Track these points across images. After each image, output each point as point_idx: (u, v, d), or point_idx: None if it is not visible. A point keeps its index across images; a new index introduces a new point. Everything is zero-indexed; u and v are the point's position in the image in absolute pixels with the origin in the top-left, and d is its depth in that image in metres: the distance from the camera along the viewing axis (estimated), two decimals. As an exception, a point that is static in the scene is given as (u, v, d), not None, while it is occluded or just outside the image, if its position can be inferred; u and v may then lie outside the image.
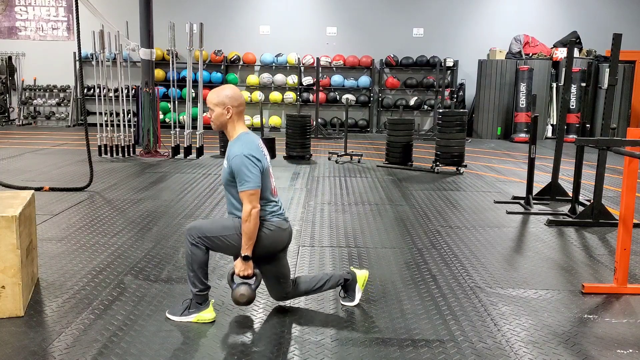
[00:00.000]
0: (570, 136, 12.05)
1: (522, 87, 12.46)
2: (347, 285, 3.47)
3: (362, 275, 3.49)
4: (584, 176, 6.45)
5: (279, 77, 13.71)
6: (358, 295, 3.47)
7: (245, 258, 3.05)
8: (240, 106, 3.14)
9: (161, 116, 12.39)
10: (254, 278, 3.16)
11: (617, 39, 5.46)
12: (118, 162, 8.73)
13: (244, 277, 3.10)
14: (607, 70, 5.92)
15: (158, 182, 7.24)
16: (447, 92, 12.91)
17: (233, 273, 3.14)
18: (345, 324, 3.21)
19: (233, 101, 3.10)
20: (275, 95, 13.74)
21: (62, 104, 14.11)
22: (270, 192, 3.15)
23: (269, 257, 3.21)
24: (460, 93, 13.72)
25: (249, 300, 3.12)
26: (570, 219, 5.54)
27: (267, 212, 3.13)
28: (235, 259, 3.23)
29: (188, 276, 3.16)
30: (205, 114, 13.25)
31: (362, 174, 8.07)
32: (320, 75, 13.28)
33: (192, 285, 3.15)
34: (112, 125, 9.20)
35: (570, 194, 6.07)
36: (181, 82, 12.88)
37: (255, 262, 3.20)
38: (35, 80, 14.18)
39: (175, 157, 9.25)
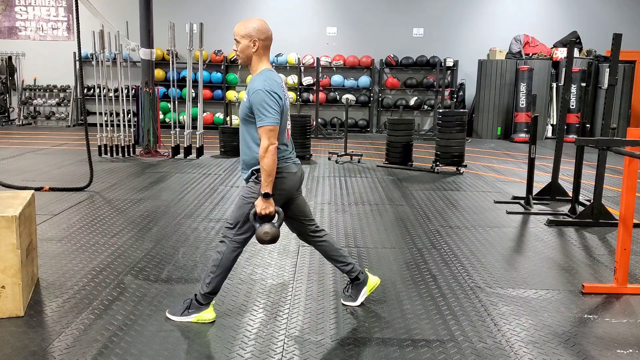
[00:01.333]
0: (570, 136, 12.05)
1: (522, 87, 12.46)
2: (356, 285, 3.45)
3: (374, 281, 3.48)
4: (584, 176, 6.45)
5: (279, 77, 13.69)
6: (361, 298, 3.45)
7: (266, 195, 2.96)
8: (267, 40, 3.07)
9: (161, 116, 12.40)
10: (277, 215, 3.10)
11: (617, 39, 5.46)
12: (118, 162, 8.73)
13: (266, 216, 3.03)
14: (607, 70, 5.92)
15: (158, 182, 7.24)
16: (447, 92, 12.91)
17: (255, 212, 3.04)
18: (345, 324, 3.21)
19: (260, 34, 3.04)
20: (275, 95, 13.71)
21: (62, 104, 14.11)
22: (283, 134, 3.09)
23: (284, 200, 3.17)
24: (460, 93, 13.72)
25: (273, 239, 3.05)
26: (570, 219, 5.54)
27: (277, 156, 3.02)
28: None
29: (207, 275, 3.14)
30: (205, 114, 13.27)
31: (362, 174, 8.07)
32: (320, 75, 13.29)
33: (206, 285, 3.14)
34: (112, 125, 9.21)
35: (570, 194, 6.07)
36: (181, 82, 12.88)
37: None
38: (35, 80, 14.18)
39: (175, 157, 9.25)
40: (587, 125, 6.72)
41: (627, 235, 3.69)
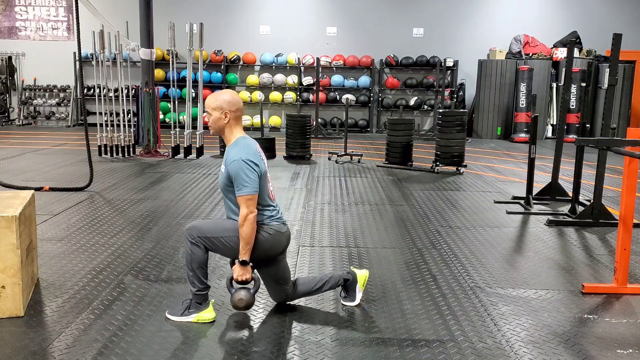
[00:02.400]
0: (570, 136, 12.05)
1: (522, 87, 12.47)
2: (348, 286, 3.47)
3: (362, 275, 3.49)
4: (584, 176, 6.45)
5: (279, 77, 13.71)
6: (359, 295, 3.47)
7: (243, 263, 3.07)
8: (237, 111, 3.15)
9: (161, 116, 12.39)
10: (253, 282, 3.17)
11: (617, 39, 5.45)
12: (118, 162, 8.73)
13: (242, 282, 3.11)
14: (607, 70, 5.92)
15: (158, 182, 7.24)
16: (447, 92, 12.91)
17: (232, 278, 3.14)
18: (345, 324, 3.21)
19: (231, 106, 3.12)
20: (275, 95, 13.74)
21: (62, 104, 14.11)
22: (268, 197, 3.16)
23: (268, 260, 3.21)
24: (460, 93, 13.72)
25: (248, 305, 3.14)
26: (570, 219, 5.54)
27: (265, 216, 3.14)
28: (232, 262, 3.24)
29: (187, 275, 3.17)
30: (205, 113, 13.24)
31: (362, 174, 8.07)
32: (320, 75, 13.28)
33: (192, 284, 3.16)
34: (112, 125, 9.20)
35: (570, 194, 6.07)
36: (181, 82, 12.88)
37: (255, 265, 3.21)
38: (35, 80, 14.18)
39: (175, 157, 9.25)
40: (587, 125, 6.73)
41: (627, 235, 3.69)
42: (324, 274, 3.55)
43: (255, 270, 3.23)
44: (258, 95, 13.45)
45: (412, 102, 13.71)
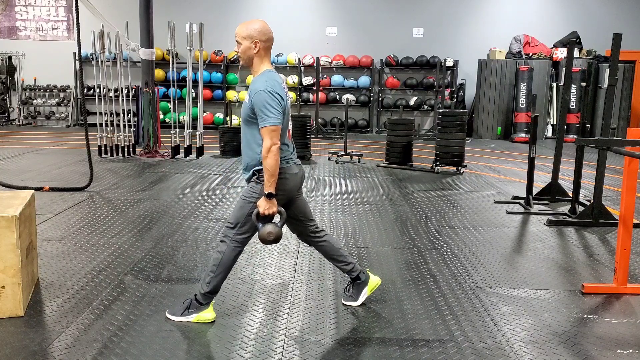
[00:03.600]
0: (570, 136, 12.05)
1: (522, 87, 12.47)
2: (357, 284, 3.45)
3: (374, 281, 3.48)
4: (584, 176, 6.45)
5: (279, 77, 13.69)
6: (362, 298, 3.45)
7: (269, 195, 2.98)
8: (268, 41, 3.08)
9: (161, 116, 12.40)
10: (279, 216, 3.11)
11: (617, 39, 5.45)
12: (118, 162, 8.73)
13: (268, 216, 3.04)
14: (607, 70, 5.92)
15: (158, 182, 7.24)
16: (447, 92, 12.91)
17: (258, 213, 3.05)
18: (346, 324, 3.21)
19: (261, 35, 3.05)
20: (275, 95, 13.71)
21: (62, 104, 14.11)
22: (284, 134, 3.10)
23: (286, 201, 3.18)
24: (460, 93, 13.72)
25: (277, 239, 3.07)
26: (570, 219, 5.54)
27: (280, 156, 3.03)
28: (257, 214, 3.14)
29: (208, 274, 3.15)
30: (205, 114, 13.27)
31: (362, 174, 8.07)
32: (320, 75, 13.28)
33: (206, 285, 3.14)
34: (112, 125, 9.20)
35: (570, 194, 6.07)
36: (181, 82, 12.88)
37: None
38: (35, 80, 14.18)
39: (175, 157, 9.25)
40: (587, 125, 6.72)
41: (627, 235, 3.69)
42: (350, 256, 3.50)
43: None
44: (258, 95, 13.42)
45: (412, 102, 13.71)
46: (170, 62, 9.31)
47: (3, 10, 14.00)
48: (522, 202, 6.25)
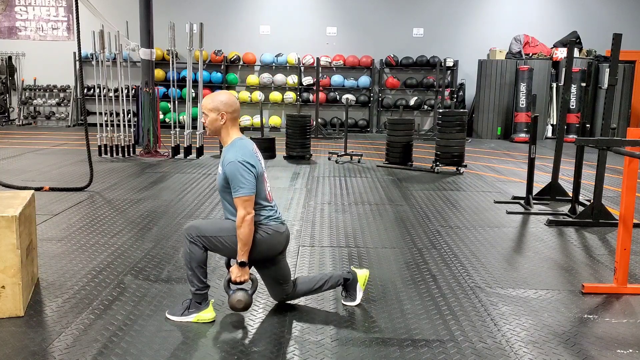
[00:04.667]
0: (570, 136, 12.05)
1: (522, 87, 12.46)
2: (348, 285, 3.47)
3: (362, 274, 3.49)
4: (584, 176, 6.45)
5: (279, 77, 13.71)
6: (359, 294, 3.47)
7: (242, 264, 3.07)
8: (234, 112, 3.15)
9: (161, 116, 12.39)
10: (251, 283, 3.18)
11: (617, 39, 5.45)
12: (118, 162, 8.73)
13: (240, 283, 3.11)
14: (607, 70, 5.92)
15: (158, 182, 7.24)
16: (447, 92, 12.91)
17: (229, 279, 3.14)
18: (345, 324, 3.21)
19: (227, 107, 3.12)
20: (275, 95, 13.74)
21: (62, 104, 14.11)
22: (265, 198, 3.16)
23: (267, 260, 3.22)
24: (460, 93, 13.72)
25: (246, 306, 3.15)
26: (570, 219, 5.54)
27: (263, 216, 3.14)
28: (227, 262, 3.25)
29: (187, 275, 3.17)
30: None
31: (362, 174, 8.07)
32: (320, 75, 13.28)
33: (191, 284, 3.16)
34: (112, 125, 9.20)
35: (570, 194, 6.07)
36: (181, 82, 12.88)
37: (255, 265, 3.22)
38: (35, 80, 14.18)
39: (175, 157, 9.25)
40: (587, 125, 6.72)
41: (627, 235, 3.69)
42: (324, 273, 3.55)
43: (252, 271, 3.23)
44: (258, 95, 13.46)
45: (412, 102, 13.71)
46: (170, 62, 9.31)
47: (3, 10, 14.00)
48: (522, 202, 6.25)
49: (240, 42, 13.87)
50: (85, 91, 13.36)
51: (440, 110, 8.72)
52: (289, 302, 3.44)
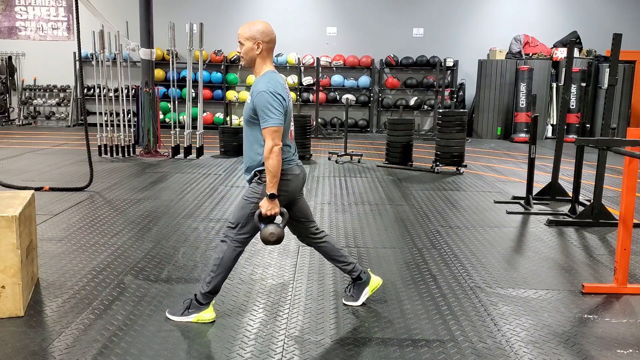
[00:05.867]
0: (570, 136, 12.05)
1: (522, 87, 12.47)
2: (358, 284, 3.46)
3: (376, 281, 3.48)
4: (584, 176, 6.45)
5: (279, 77, 13.69)
6: (363, 298, 3.46)
7: (271, 196, 2.98)
8: (270, 42, 3.08)
9: (161, 116, 12.40)
10: (281, 217, 3.12)
11: (617, 39, 5.45)
12: (118, 162, 8.73)
13: (271, 217, 3.05)
14: (607, 70, 5.92)
15: (158, 182, 7.24)
16: (447, 92, 12.91)
17: (260, 213, 3.05)
18: (346, 324, 3.21)
19: (264, 36, 3.05)
20: (275, 95, 13.71)
21: (62, 104, 14.11)
22: (287, 136, 3.10)
23: (287, 203, 3.18)
24: (460, 93, 13.72)
25: (279, 239, 3.07)
26: (570, 219, 5.54)
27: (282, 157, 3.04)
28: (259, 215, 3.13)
29: (208, 274, 3.15)
30: (205, 114, 13.27)
31: (362, 174, 8.07)
32: (320, 75, 13.28)
33: (207, 284, 3.14)
34: (112, 125, 9.20)
35: (570, 194, 6.07)
36: (181, 82, 12.88)
37: None
38: (35, 80, 14.18)
39: (175, 157, 9.25)
40: (587, 125, 6.72)
41: (627, 235, 3.69)
42: (350, 257, 3.50)
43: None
44: (258, 95, 13.42)
45: (412, 102, 13.71)
46: (170, 62, 9.31)
47: (3, 10, 14.00)
48: (522, 202, 6.25)
49: (240, 42, 13.84)
50: (85, 91, 13.36)
51: (440, 110, 8.72)
52: (288, 301, 3.44)
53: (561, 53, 12.84)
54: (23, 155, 9.10)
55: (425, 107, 13.76)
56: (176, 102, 9.47)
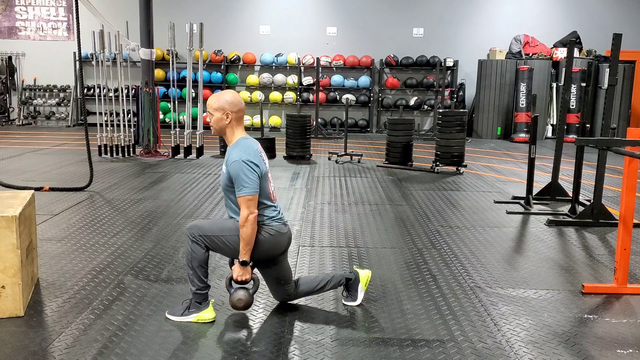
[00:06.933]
0: (570, 136, 12.05)
1: (522, 87, 12.47)
2: (350, 285, 3.47)
3: (365, 275, 3.49)
4: (584, 176, 6.45)
5: (279, 77, 13.71)
6: (360, 295, 3.47)
7: (243, 263, 3.08)
8: (239, 112, 3.16)
9: (161, 116, 12.40)
10: (252, 283, 3.19)
11: (617, 39, 5.45)
12: (118, 162, 8.73)
13: (241, 282, 3.12)
14: (607, 70, 5.92)
15: (158, 182, 7.24)
16: (447, 92, 12.91)
17: (231, 278, 3.16)
18: (346, 324, 3.21)
19: (232, 106, 3.13)
20: (275, 95, 13.74)
21: (62, 104, 14.11)
22: (268, 197, 3.17)
23: (269, 260, 3.22)
24: (460, 93, 13.72)
25: (247, 305, 3.15)
26: (570, 219, 5.54)
27: (266, 216, 3.15)
28: (231, 262, 3.25)
29: (188, 274, 3.17)
30: (205, 113, 13.26)
31: (362, 174, 8.07)
32: (320, 75, 13.28)
33: (191, 283, 3.16)
34: (112, 125, 9.20)
35: (570, 194, 6.07)
36: (181, 82, 12.88)
37: (256, 265, 3.22)
38: (35, 80, 14.18)
39: (175, 157, 9.25)
40: (587, 125, 6.72)
41: (627, 235, 3.69)
42: (326, 273, 3.55)
43: (254, 270, 3.24)
44: (258, 95, 13.46)
45: (412, 102, 13.71)
46: (170, 62, 9.31)
47: (3, 10, 14.00)
48: (522, 202, 6.25)
49: (240, 42, 13.87)
50: (85, 91, 13.36)
51: (440, 110, 8.72)
52: (290, 302, 3.44)
53: (561, 53, 12.84)
54: (23, 155, 9.10)
55: (425, 107, 13.76)
56: (176, 102, 9.48)
